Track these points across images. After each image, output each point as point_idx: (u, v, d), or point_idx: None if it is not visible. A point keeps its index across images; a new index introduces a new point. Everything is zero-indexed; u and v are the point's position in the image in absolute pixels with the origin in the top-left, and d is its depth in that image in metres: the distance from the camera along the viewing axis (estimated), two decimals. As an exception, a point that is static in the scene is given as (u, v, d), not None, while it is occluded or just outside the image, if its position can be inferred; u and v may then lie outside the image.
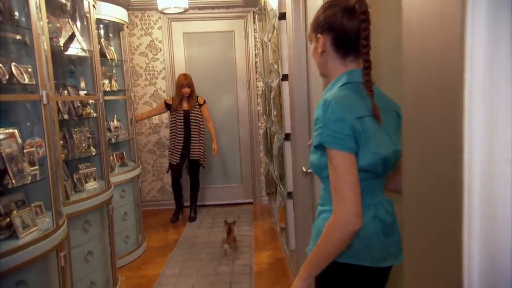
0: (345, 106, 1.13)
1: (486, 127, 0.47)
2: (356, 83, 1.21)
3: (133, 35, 5.23)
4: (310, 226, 2.75)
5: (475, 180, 0.47)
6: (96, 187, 3.11)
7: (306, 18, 2.58)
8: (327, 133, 1.11)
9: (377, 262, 1.21)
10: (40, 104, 2.19)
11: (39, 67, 2.16)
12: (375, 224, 1.21)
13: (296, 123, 2.76)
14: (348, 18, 1.19)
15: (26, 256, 1.97)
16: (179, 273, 3.50)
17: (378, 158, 1.16)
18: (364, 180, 1.17)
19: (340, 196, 1.11)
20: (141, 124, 5.37)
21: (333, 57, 1.25)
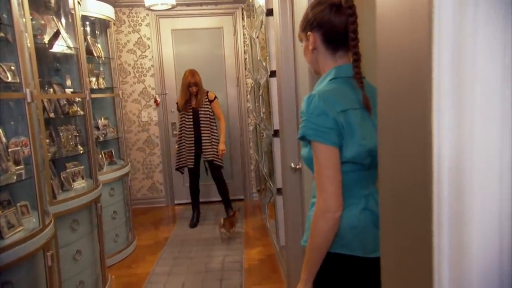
0: (328, 100, 1.16)
1: (454, 123, 0.48)
2: (345, 77, 1.25)
3: (120, 32, 5.19)
4: (300, 221, 2.77)
5: (444, 175, 0.48)
6: (84, 185, 3.08)
7: (293, 14, 2.58)
8: (309, 126, 1.15)
9: (369, 252, 1.24)
10: (24, 102, 2.16)
11: (22, 65, 2.13)
12: (365, 215, 1.24)
13: (285, 119, 2.75)
14: (336, 13, 1.23)
15: (12, 257, 1.95)
16: (169, 271, 3.50)
17: (364, 150, 1.19)
18: (353, 171, 1.21)
19: (321, 187, 1.16)
20: (130, 121, 5.34)
21: (323, 53, 1.29)
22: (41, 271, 2.21)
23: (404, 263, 0.61)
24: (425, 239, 0.50)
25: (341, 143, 1.17)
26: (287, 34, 2.66)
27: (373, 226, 1.25)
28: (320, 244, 1.18)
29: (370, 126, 1.21)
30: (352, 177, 1.21)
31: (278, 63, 2.80)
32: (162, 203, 5.53)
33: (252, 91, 4.90)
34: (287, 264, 2.96)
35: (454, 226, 0.48)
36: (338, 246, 1.20)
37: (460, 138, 0.48)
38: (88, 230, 3.01)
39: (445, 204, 0.48)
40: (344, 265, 1.25)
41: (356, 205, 1.23)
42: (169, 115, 5.44)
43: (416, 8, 0.50)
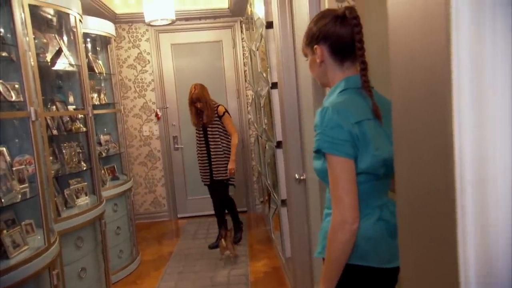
0: (341, 113, 1.17)
1: (476, 128, 0.47)
2: (354, 88, 1.26)
3: (120, 48, 5.22)
4: (306, 233, 2.75)
5: (467, 182, 0.47)
6: (88, 202, 3.07)
7: (293, 26, 2.60)
8: (324, 139, 1.16)
9: (384, 263, 1.24)
10: (28, 121, 2.17)
11: (26, 84, 2.14)
12: (380, 226, 1.24)
13: (287, 130, 2.76)
14: (341, 25, 1.24)
15: (17, 277, 1.93)
16: (174, 286, 3.46)
17: (378, 160, 1.19)
18: (367, 182, 1.22)
19: (337, 199, 1.16)
20: (132, 136, 5.34)
21: (331, 65, 1.30)
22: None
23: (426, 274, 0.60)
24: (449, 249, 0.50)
25: (356, 154, 1.17)
26: (288, 46, 2.68)
27: (388, 236, 1.25)
28: (338, 256, 1.18)
29: (382, 135, 1.22)
30: (366, 187, 1.21)
31: (280, 75, 2.81)
32: (165, 217, 5.50)
33: (253, 103, 4.91)
34: (294, 275, 2.94)
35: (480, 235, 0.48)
36: (353, 258, 1.20)
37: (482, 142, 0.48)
38: (92, 247, 2.99)
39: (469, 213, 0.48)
40: (360, 277, 1.24)
41: (371, 215, 1.24)
42: (171, 128, 5.45)
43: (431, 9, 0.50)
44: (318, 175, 1.31)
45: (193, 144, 5.40)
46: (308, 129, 2.54)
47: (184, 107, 5.39)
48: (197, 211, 5.49)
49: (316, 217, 2.55)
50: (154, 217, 5.47)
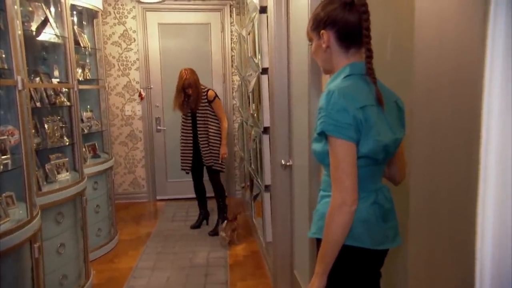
0: (347, 97, 1.18)
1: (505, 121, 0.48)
2: (359, 74, 1.27)
3: (105, 24, 5.09)
4: (289, 218, 2.79)
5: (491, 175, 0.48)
6: (69, 178, 3.03)
7: (288, 12, 2.59)
8: (329, 122, 1.17)
9: (376, 244, 1.28)
10: (14, 90, 2.11)
11: (14, 52, 2.08)
12: (374, 209, 1.28)
13: (276, 116, 2.77)
14: (349, 11, 1.24)
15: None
16: (153, 266, 3.47)
17: (379, 145, 1.22)
18: (366, 166, 1.24)
19: (338, 182, 1.18)
20: (113, 115, 5.26)
21: (337, 51, 1.30)
22: (27, 263, 2.16)
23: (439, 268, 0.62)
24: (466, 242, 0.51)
25: (359, 138, 1.19)
26: (282, 32, 2.67)
27: (381, 219, 1.28)
28: (336, 237, 1.20)
29: (384, 122, 1.24)
30: (365, 171, 1.23)
31: (271, 61, 2.81)
32: (144, 199, 5.47)
33: (240, 88, 4.90)
34: (274, 260, 2.99)
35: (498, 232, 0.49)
36: (348, 239, 1.22)
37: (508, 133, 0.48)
38: (72, 223, 2.96)
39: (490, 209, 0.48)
40: (353, 257, 1.27)
41: (367, 198, 1.26)
42: (154, 109, 5.39)
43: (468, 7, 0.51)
44: (317, 157, 1.32)
45: (176, 126, 5.36)
46: (297, 115, 2.56)
47: (169, 88, 5.33)
48: (177, 194, 5.48)
49: (300, 203, 2.59)
50: (132, 198, 5.43)
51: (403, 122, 1.34)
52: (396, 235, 1.35)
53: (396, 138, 1.28)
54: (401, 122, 1.33)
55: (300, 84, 2.38)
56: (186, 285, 3.13)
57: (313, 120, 2.01)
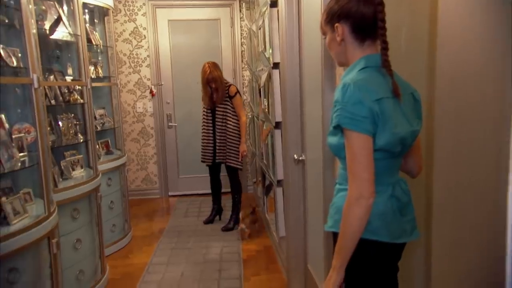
0: (363, 89, 1.17)
1: None
2: (374, 67, 1.25)
3: (116, 21, 5.13)
4: (302, 212, 2.79)
5: None
6: (84, 174, 3.07)
7: (299, 5, 2.59)
8: (345, 115, 1.16)
9: (394, 238, 1.27)
10: (30, 88, 2.14)
11: (29, 50, 2.11)
12: (392, 203, 1.27)
13: (288, 111, 2.77)
14: (364, 3, 1.23)
15: (18, 243, 1.94)
16: (167, 261, 3.50)
17: (396, 138, 1.21)
18: (384, 159, 1.23)
19: (355, 175, 1.17)
20: (125, 112, 5.30)
21: (351, 44, 1.29)
22: (46, 259, 2.20)
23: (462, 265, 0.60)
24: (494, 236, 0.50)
25: (375, 131, 1.18)
26: (293, 25, 2.67)
27: (399, 213, 1.28)
28: (353, 231, 1.19)
29: (400, 114, 1.23)
30: (382, 164, 1.22)
31: (283, 55, 2.81)
32: (156, 195, 5.52)
33: (250, 83, 4.90)
34: (287, 254, 2.99)
35: None
36: (365, 232, 1.22)
37: None
38: (87, 219, 3.00)
39: None
40: (371, 251, 1.26)
41: (384, 192, 1.25)
42: (165, 106, 5.41)
43: None
44: (333, 151, 1.31)
45: (187, 122, 5.43)
46: (309, 109, 2.56)
47: (179, 85, 5.38)
48: (189, 190, 5.52)
49: (313, 198, 2.59)
50: (145, 194, 5.48)
51: (420, 114, 1.33)
52: (413, 229, 1.34)
53: (413, 130, 1.27)
54: (417, 114, 1.31)
55: (313, 78, 2.37)
56: (200, 280, 3.16)
57: (327, 114, 2.00)
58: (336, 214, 1.30)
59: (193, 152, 5.36)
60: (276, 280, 3.16)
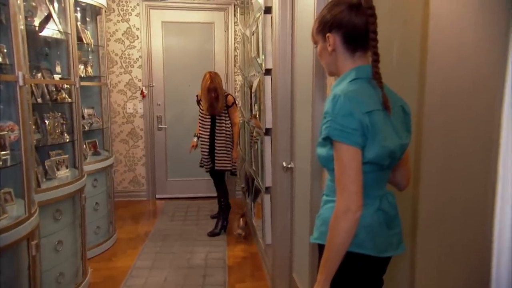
0: (353, 101, 1.15)
1: None
2: (365, 78, 1.24)
3: (109, 21, 5.08)
4: (289, 221, 2.77)
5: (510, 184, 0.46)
6: (68, 175, 3.01)
7: (294, 12, 2.58)
8: (335, 126, 1.15)
9: (380, 252, 1.26)
10: (15, 86, 2.10)
11: (15, 47, 2.07)
12: (378, 216, 1.25)
13: (278, 118, 2.75)
14: (356, 14, 1.22)
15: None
16: (151, 265, 3.45)
17: (385, 151, 1.19)
18: (372, 172, 1.21)
19: (343, 187, 1.16)
20: (115, 112, 5.25)
21: (342, 54, 1.28)
22: (24, 261, 2.15)
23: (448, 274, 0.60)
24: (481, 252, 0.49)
25: (364, 144, 1.16)
26: (286, 32, 2.66)
27: (385, 226, 1.26)
28: (340, 244, 1.17)
29: (390, 127, 1.22)
30: (370, 177, 1.21)
31: (275, 62, 2.80)
32: (143, 197, 5.46)
33: (242, 88, 4.88)
34: (273, 262, 2.97)
35: None
36: (351, 245, 1.20)
37: None
38: (70, 220, 2.94)
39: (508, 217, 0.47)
40: (357, 264, 1.25)
41: (371, 205, 1.24)
42: (155, 108, 5.37)
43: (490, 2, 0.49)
44: (321, 162, 1.30)
45: (177, 124, 5.39)
46: (300, 118, 2.54)
47: (171, 86, 5.35)
48: (177, 193, 5.48)
49: (300, 206, 2.57)
50: (132, 196, 5.42)
51: (409, 127, 1.31)
52: (400, 242, 1.32)
53: (402, 143, 1.25)
54: (407, 127, 1.30)
55: (304, 87, 2.35)
56: (183, 285, 3.11)
57: (317, 124, 1.98)
58: (322, 225, 1.29)
59: (182, 155, 5.32)
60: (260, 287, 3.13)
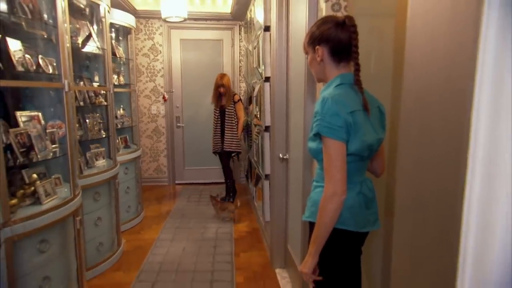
0: (339, 103, 1.16)
1: (491, 128, 0.44)
2: (348, 84, 1.25)
3: (137, 39, 5.09)
4: (284, 202, 2.79)
5: (477, 179, 0.45)
6: (105, 164, 3.04)
7: (288, 31, 2.59)
8: (324, 124, 1.15)
9: (359, 227, 1.27)
10: (62, 92, 2.12)
11: (62, 60, 2.09)
12: (359, 198, 1.27)
13: (276, 117, 2.77)
14: (341, 31, 1.23)
15: (48, 220, 1.93)
16: (172, 238, 3.49)
17: (365, 144, 1.21)
18: (354, 162, 1.23)
19: (330, 175, 1.17)
20: (142, 113, 5.26)
21: (329, 64, 1.28)
22: (71, 233, 2.18)
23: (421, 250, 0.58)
24: (451, 240, 0.48)
25: (348, 138, 1.18)
26: (282, 47, 2.67)
27: (365, 206, 1.27)
28: (328, 222, 1.18)
29: (369, 124, 1.23)
30: (352, 166, 1.22)
31: (273, 71, 2.81)
32: (165, 182, 5.49)
33: (246, 93, 4.89)
34: (271, 235, 2.99)
35: (481, 229, 0.46)
36: (336, 223, 1.21)
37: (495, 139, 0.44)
38: (107, 201, 2.98)
39: (474, 212, 0.45)
40: (341, 238, 1.26)
41: (353, 189, 1.25)
42: (174, 109, 5.38)
43: (459, 12, 0.47)
44: (312, 154, 1.31)
45: (193, 124, 5.40)
46: (293, 117, 2.56)
47: (187, 92, 5.36)
48: (192, 179, 5.50)
49: (294, 190, 2.60)
50: (156, 181, 5.45)
51: (384, 124, 1.33)
52: (376, 220, 1.33)
53: (379, 138, 1.27)
54: (382, 124, 1.31)
55: (297, 91, 2.37)
56: (198, 254, 3.15)
57: (308, 122, 2.00)
58: (313, 206, 1.30)
59: (197, 148, 5.36)
60: (261, 256, 3.16)
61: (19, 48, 1.99)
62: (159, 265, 2.93)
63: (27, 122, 2.07)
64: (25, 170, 2.03)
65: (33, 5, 2.01)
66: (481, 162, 0.45)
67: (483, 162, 0.45)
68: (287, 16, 2.59)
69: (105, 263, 2.84)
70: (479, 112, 0.44)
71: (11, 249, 1.71)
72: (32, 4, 2.01)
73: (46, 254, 1.96)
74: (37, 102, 2.25)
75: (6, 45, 1.89)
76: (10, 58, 1.88)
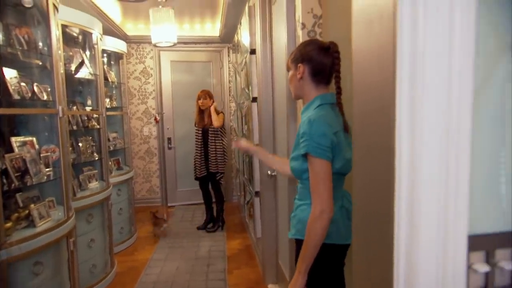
0: (326, 125, 1.20)
1: (410, 135, 0.56)
2: (329, 104, 1.29)
3: (129, 63, 5.23)
4: (274, 218, 2.86)
5: (403, 172, 0.56)
6: (98, 186, 3.10)
7: (272, 53, 2.73)
8: (313, 144, 1.18)
9: (344, 240, 1.29)
10: (56, 117, 2.21)
11: (57, 87, 2.18)
12: (342, 212, 1.30)
13: (263, 135, 2.87)
14: (324, 54, 1.28)
15: (42, 241, 1.97)
16: (165, 258, 3.51)
17: (346, 162, 1.25)
18: (337, 179, 1.26)
19: (319, 194, 1.19)
20: (134, 135, 5.34)
21: (308, 83, 1.31)
22: (65, 255, 2.22)
23: (371, 250, 0.68)
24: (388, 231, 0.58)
25: (333, 157, 1.20)
26: (267, 68, 2.79)
27: (347, 218, 1.30)
28: (318, 240, 1.18)
29: (346, 143, 1.26)
30: (335, 183, 1.23)
31: (259, 92, 2.92)
32: (157, 203, 5.51)
33: (235, 113, 5.01)
34: (263, 252, 3.04)
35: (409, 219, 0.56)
36: None
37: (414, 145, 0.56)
38: (100, 222, 3.02)
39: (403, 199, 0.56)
40: (327, 252, 1.26)
41: (336, 204, 1.26)
42: (165, 131, 5.47)
43: (383, 58, 0.60)
44: (296, 173, 1.31)
45: (184, 145, 5.48)
46: (279, 135, 2.66)
47: (178, 114, 5.46)
48: (185, 200, 5.53)
49: (282, 206, 2.67)
50: (148, 202, 5.47)
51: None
52: None
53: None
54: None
55: (282, 110, 2.48)
56: (192, 272, 3.18)
57: (291, 138, 2.09)
58: (298, 224, 1.30)
59: (188, 169, 5.40)
60: (253, 272, 3.19)
61: (15, 76, 2.09)
62: (152, 285, 2.95)
63: (21, 147, 2.15)
64: (19, 194, 2.08)
65: (28, 36, 2.12)
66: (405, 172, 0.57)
67: (407, 170, 0.56)
68: (270, 40, 2.73)
69: (98, 285, 2.86)
70: (400, 131, 0.56)
71: (5, 272, 1.75)
72: (28, 35, 2.12)
73: (40, 276, 1.99)
74: (31, 127, 2.32)
75: (3, 75, 1.98)
76: (7, 87, 1.97)
